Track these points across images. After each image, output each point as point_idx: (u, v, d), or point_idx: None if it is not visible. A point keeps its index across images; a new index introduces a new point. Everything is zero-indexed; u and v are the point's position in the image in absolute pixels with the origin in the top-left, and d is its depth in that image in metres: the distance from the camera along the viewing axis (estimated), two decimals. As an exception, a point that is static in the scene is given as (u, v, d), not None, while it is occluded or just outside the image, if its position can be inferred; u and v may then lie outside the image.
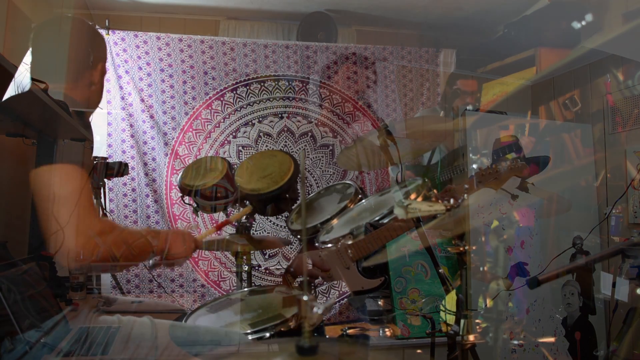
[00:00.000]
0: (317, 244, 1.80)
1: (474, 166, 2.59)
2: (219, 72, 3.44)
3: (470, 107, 2.94)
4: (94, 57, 1.52)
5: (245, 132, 3.48)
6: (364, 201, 1.96)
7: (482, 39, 3.93)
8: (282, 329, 1.44)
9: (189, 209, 3.24)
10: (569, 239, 2.75)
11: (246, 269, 2.19)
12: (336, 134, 3.63)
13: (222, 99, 3.45)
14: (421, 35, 4.01)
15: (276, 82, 3.53)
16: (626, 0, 2.85)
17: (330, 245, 1.68)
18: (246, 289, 1.94)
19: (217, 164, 2.21)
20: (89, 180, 1.27)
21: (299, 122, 3.56)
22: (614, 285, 1.91)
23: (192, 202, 2.23)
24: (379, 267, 1.79)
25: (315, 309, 0.72)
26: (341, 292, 3.53)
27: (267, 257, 3.50)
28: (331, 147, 3.62)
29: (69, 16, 1.50)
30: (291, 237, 2.54)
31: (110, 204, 3.21)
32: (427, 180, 1.82)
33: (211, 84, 3.43)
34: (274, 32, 3.81)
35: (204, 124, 3.41)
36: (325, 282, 3.42)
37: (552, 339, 2.44)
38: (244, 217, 2.14)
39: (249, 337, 1.41)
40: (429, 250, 1.55)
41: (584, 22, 3.07)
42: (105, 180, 2.27)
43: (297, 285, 1.94)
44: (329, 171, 3.60)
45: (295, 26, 3.78)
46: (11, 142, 1.25)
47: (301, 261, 1.77)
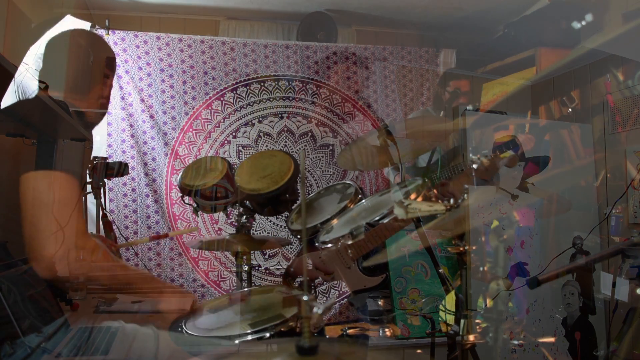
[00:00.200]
0: (317, 244, 1.80)
1: (474, 166, 2.59)
2: (219, 72, 3.44)
3: (470, 107, 2.93)
4: (106, 73, 1.55)
5: (245, 132, 3.48)
6: (364, 201, 1.96)
7: (482, 39, 3.93)
8: (282, 329, 1.44)
9: (189, 209, 3.24)
10: (569, 239, 2.75)
11: (246, 269, 2.19)
12: (336, 134, 3.63)
13: (222, 99, 3.45)
14: (421, 35, 4.02)
15: (276, 82, 3.53)
16: (626, 0, 2.85)
17: (330, 245, 1.68)
18: (246, 289, 1.94)
19: (217, 164, 2.21)
20: (82, 192, 1.27)
21: (299, 122, 3.56)
22: (614, 285, 1.91)
23: (192, 202, 2.23)
24: (379, 265, 1.79)
25: (315, 309, 0.72)
26: (341, 292, 3.53)
27: (267, 257, 3.50)
28: (331, 147, 3.62)
29: (84, 31, 1.52)
30: (291, 237, 2.53)
31: (110, 204, 3.22)
32: (427, 180, 1.82)
33: (211, 84, 3.43)
34: (274, 32, 3.81)
35: (204, 124, 3.41)
36: (325, 282, 3.42)
37: (552, 339, 2.44)
38: (244, 217, 2.14)
39: (249, 337, 1.41)
40: (429, 250, 1.55)
41: (584, 22, 3.07)
42: (105, 180, 2.27)
43: (297, 285, 1.93)
44: (329, 171, 3.60)
45: (295, 26, 3.78)
46: (11, 142, 1.25)
47: (301, 262, 1.77)
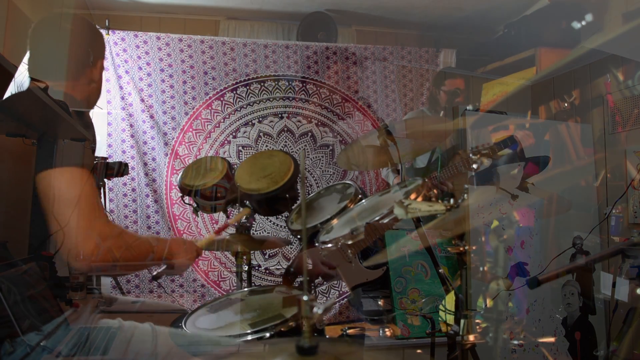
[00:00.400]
0: (317, 244, 1.80)
1: (474, 166, 2.59)
2: (219, 72, 3.44)
3: (470, 107, 2.93)
4: (94, 55, 1.52)
5: (245, 132, 3.48)
6: (364, 201, 1.96)
7: (482, 39, 3.94)
8: (282, 329, 1.44)
9: (189, 209, 3.24)
10: (569, 239, 2.75)
11: (246, 269, 2.19)
12: (336, 134, 3.63)
13: (222, 99, 3.45)
14: (421, 35, 4.02)
15: (276, 82, 3.53)
16: (626, 0, 2.85)
17: (330, 245, 1.68)
18: (246, 289, 1.94)
19: (217, 164, 2.21)
20: (94, 181, 1.27)
21: (299, 122, 3.56)
22: (614, 285, 1.91)
23: (192, 202, 2.23)
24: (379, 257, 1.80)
25: (315, 309, 0.72)
26: (341, 292, 3.53)
27: (267, 257, 3.50)
28: (331, 147, 3.62)
29: (66, 13, 1.49)
30: (291, 237, 2.53)
31: (110, 204, 3.22)
32: (427, 180, 1.82)
33: (211, 84, 3.43)
34: (274, 32, 3.82)
35: (204, 124, 3.41)
36: (325, 282, 3.41)
37: (552, 339, 2.45)
38: (244, 217, 2.14)
39: (249, 337, 1.41)
40: (429, 250, 1.55)
41: (584, 22, 3.07)
42: (105, 180, 2.27)
43: (297, 285, 1.93)
44: (329, 171, 3.60)
45: (295, 26, 3.78)
46: (11, 142, 1.25)
47: (313, 263, 1.76)
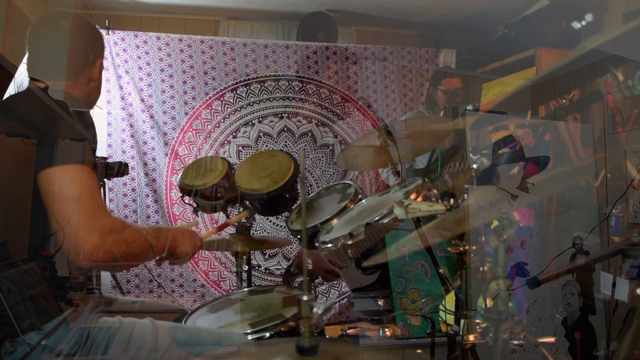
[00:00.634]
0: (316, 244, 1.80)
1: (474, 166, 2.59)
2: (219, 72, 3.44)
3: (470, 107, 2.93)
4: (93, 54, 1.52)
5: (245, 132, 3.48)
6: (364, 201, 1.96)
7: (482, 39, 3.94)
8: (282, 329, 1.44)
9: (189, 209, 3.24)
10: (569, 239, 2.75)
11: (246, 269, 2.19)
12: (336, 134, 3.63)
13: (222, 99, 3.45)
14: (421, 35, 4.02)
15: (276, 82, 3.53)
16: (626, 0, 2.85)
17: (330, 245, 1.68)
18: (246, 289, 1.94)
19: (217, 164, 2.21)
20: (96, 177, 1.27)
21: (299, 122, 3.56)
22: (614, 285, 1.91)
23: (192, 202, 2.23)
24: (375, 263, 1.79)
25: (315, 309, 0.72)
26: (341, 292, 3.53)
27: (267, 257, 3.50)
28: (331, 147, 3.62)
29: (65, 12, 1.48)
30: (291, 237, 2.53)
31: (110, 204, 3.22)
32: (427, 180, 1.82)
33: (211, 84, 3.43)
34: (274, 32, 3.81)
35: (204, 124, 3.41)
36: (325, 282, 3.41)
37: (552, 339, 2.44)
38: (244, 218, 2.14)
39: (249, 337, 1.41)
40: (429, 250, 1.55)
41: (584, 22, 3.07)
42: (105, 180, 2.27)
43: (297, 285, 1.93)
44: (329, 171, 3.60)
45: (295, 26, 3.78)
46: (11, 142, 1.25)
47: (318, 259, 1.75)
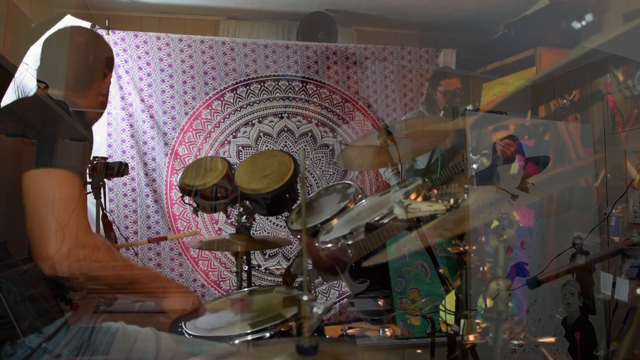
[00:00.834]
0: (317, 244, 1.80)
1: (474, 166, 2.60)
2: (219, 72, 3.44)
3: (470, 107, 2.93)
4: (104, 70, 1.54)
5: (245, 132, 3.48)
6: (364, 201, 1.96)
7: (482, 39, 3.94)
8: (282, 329, 1.44)
9: (189, 209, 3.24)
10: (569, 239, 2.75)
11: (246, 269, 2.19)
12: (336, 134, 3.63)
13: (222, 99, 3.45)
14: (421, 35, 4.02)
15: (276, 82, 3.53)
16: (626, 0, 2.85)
17: (330, 245, 1.68)
18: (246, 289, 1.94)
19: (217, 164, 2.21)
20: (84, 190, 1.25)
21: (299, 122, 3.57)
22: (614, 285, 1.91)
23: (192, 202, 2.23)
24: (365, 271, 1.77)
25: (315, 309, 0.72)
26: (341, 292, 3.53)
27: (267, 257, 3.50)
28: (331, 147, 3.62)
29: (81, 28, 1.50)
30: (291, 237, 2.54)
31: (110, 204, 3.22)
32: (427, 180, 1.82)
33: (211, 84, 3.43)
34: (274, 32, 3.82)
35: (204, 124, 3.41)
36: (325, 282, 3.41)
37: (552, 339, 2.44)
38: (244, 217, 2.14)
39: (249, 337, 1.41)
40: (429, 250, 1.55)
41: (584, 22, 3.07)
42: (105, 180, 2.27)
43: (297, 285, 1.94)
44: (329, 171, 3.60)
45: (295, 26, 3.78)
46: (11, 142, 1.25)
47: (321, 256, 1.74)
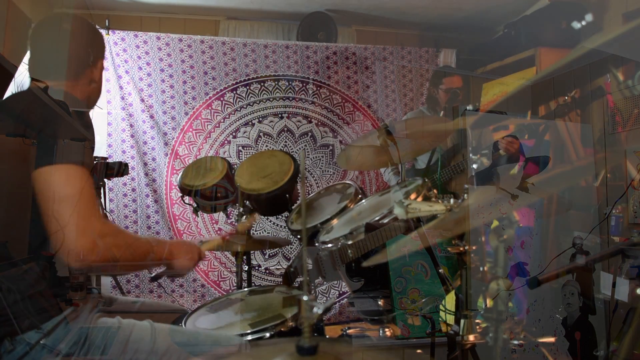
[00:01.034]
0: (317, 244, 1.80)
1: (474, 166, 2.60)
2: (219, 72, 3.44)
3: (470, 107, 2.93)
4: (94, 55, 1.52)
5: (245, 132, 3.48)
6: (364, 201, 1.96)
7: (482, 39, 3.94)
8: (282, 329, 1.44)
9: (189, 209, 3.24)
10: (569, 239, 2.75)
11: (246, 269, 2.19)
12: (336, 134, 3.63)
13: (222, 99, 3.45)
14: (421, 35, 4.02)
15: (276, 82, 3.53)
16: (626, 0, 2.85)
17: (330, 245, 1.68)
18: (246, 289, 1.94)
19: (217, 164, 2.21)
20: (92, 180, 1.27)
21: (299, 122, 3.57)
22: (614, 285, 1.91)
23: (192, 202, 2.23)
24: (365, 271, 1.77)
25: (315, 309, 0.72)
26: (341, 292, 3.53)
27: (267, 257, 3.50)
28: (331, 147, 3.62)
29: (66, 14, 1.49)
30: (291, 237, 2.53)
31: (110, 204, 3.22)
32: (427, 180, 1.82)
33: (211, 84, 3.43)
34: (274, 32, 3.82)
35: (204, 124, 3.41)
36: (325, 282, 3.41)
37: (552, 339, 2.44)
38: (244, 217, 2.14)
39: (249, 337, 1.41)
40: (429, 250, 1.55)
41: (584, 22, 3.07)
42: (105, 180, 2.27)
43: (297, 285, 1.93)
44: (329, 171, 3.60)
45: (295, 26, 3.79)
46: (11, 142, 1.25)
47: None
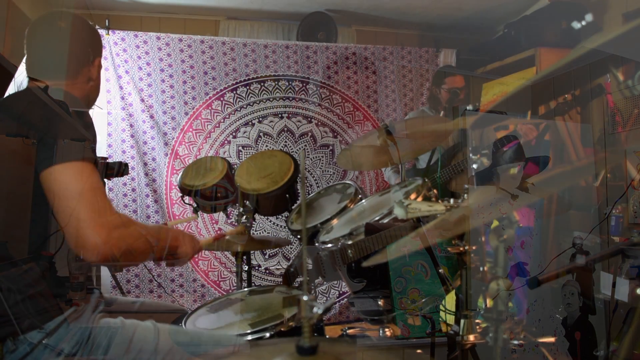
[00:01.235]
0: (317, 244, 1.80)
1: (474, 166, 2.60)
2: (219, 72, 3.44)
3: (470, 107, 2.93)
4: (92, 53, 1.51)
5: (245, 132, 3.48)
6: (364, 201, 1.96)
7: (482, 39, 3.94)
8: (282, 329, 1.44)
9: (189, 209, 3.24)
10: (569, 239, 2.75)
11: (246, 269, 2.19)
12: (336, 134, 3.63)
13: (222, 99, 3.45)
14: (421, 35, 4.02)
15: (276, 82, 3.53)
16: (626, 0, 2.85)
17: (330, 245, 1.68)
18: (246, 289, 1.94)
19: (217, 164, 2.21)
20: (99, 175, 1.27)
21: (299, 122, 3.57)
22: (614, 285, 1.91)
23: (192, 202, 2.23)
24: (365, 271, 1.78)
25: (315, 309, 0.72)
26: (341, 292, 3.53)
27: (267, 257, 3.50)
28: (331, 147, 3.62)
29: (63, 12, 1.48)
30: (291, 237, 2.54)
31: (110, 204, 3.21)
32: (427, 180, 1.82)
33: (211, 84, 3.43)
34: (274, 32, 3.82)
35: (204, 124, 3.41)
36: (325, 282, 3.41)
37: (552, 339, 2.44)
38: (244, 217, 2.14)
39: (249, 337, 1.41)
40: (429, 250, 1.55)
41: (584, 22, 3.07)
42: (105, 180, 2.27)
43: (297, 285, 1.93)
44: (329, 171, 3.60)
45: (295, 26, 3.79)
46: (11, 142, 1.25)
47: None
